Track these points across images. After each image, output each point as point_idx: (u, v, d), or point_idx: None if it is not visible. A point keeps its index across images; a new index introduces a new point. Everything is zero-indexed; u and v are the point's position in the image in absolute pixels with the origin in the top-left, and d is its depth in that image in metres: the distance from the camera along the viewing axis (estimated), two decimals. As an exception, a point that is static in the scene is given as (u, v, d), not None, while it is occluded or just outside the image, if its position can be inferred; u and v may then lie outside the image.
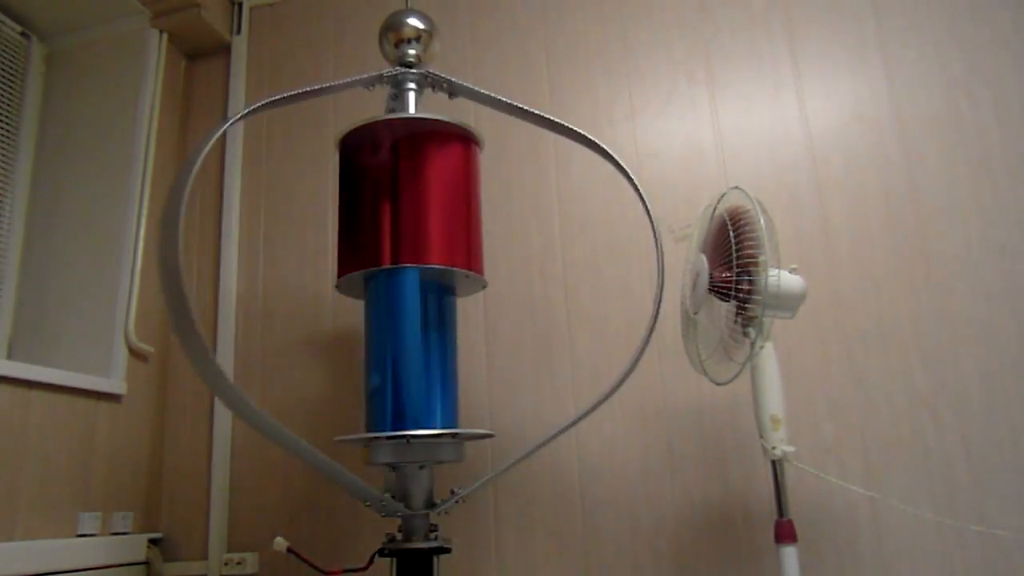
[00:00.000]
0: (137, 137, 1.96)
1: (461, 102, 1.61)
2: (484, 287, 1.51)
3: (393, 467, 1.39)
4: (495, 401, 1.75)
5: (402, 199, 1.40)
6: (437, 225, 1.40)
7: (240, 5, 2.22)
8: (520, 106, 1.54)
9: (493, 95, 1.54)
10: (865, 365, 1.58)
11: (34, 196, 2.02)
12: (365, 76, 1.51)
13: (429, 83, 1.55)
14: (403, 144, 1.43)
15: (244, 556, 1.79)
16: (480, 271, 1.45)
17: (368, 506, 1.34)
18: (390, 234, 1.38)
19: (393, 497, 1.35)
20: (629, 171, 1.48)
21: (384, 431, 1.32)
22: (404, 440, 1.32)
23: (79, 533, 1.64)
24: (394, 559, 1.32)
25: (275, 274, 1.99)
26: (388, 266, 1.37)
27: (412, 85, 1.53)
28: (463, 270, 1.40)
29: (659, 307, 1.43)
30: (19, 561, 1.46)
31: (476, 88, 1.54)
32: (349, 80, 1.51)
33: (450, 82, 1.54)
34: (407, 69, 1.52)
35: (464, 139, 1.48)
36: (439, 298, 1.44)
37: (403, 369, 1.33)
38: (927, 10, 1.72)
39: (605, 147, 1.50)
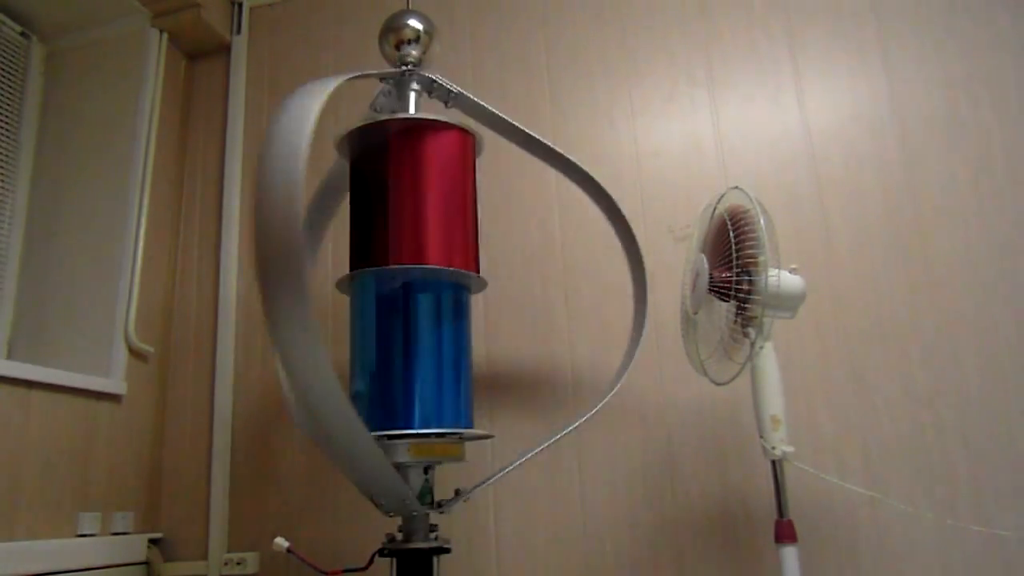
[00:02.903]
0: (137, 137, 1.96)
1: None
2: (484, 287, 1.51)
3: (397, 467, 1.39)
4: (495, 401, 1.75)
5: (409, 199, 1.41)
6: (449, 226, 1.41)
7: (240, 5, 2.22)
8: (517, 125, 1.55)
9: (493, 110, 1.55)
10: (865, 365, 1.58)
11: (34, 196, 2.02)
12: (383, 72, 1.52)
13: (428, 88, 1.55)
14: (401, 143, 1.43)
15: (244, 556, 1.79)
16: (478, 271, 1.45)
17: (379, 506, 1.33)
18: (407, 233, 1.39)
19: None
20: (607, 191, 1.50)
21: (393, 429, 1.32)
22: (411, 439, 1.32)
23: (79, 533, 1.64)
24: (394, 559, 1.32)
25: (275, 274, 1.99)
26: (414, 265, 1.36)
27: (415, 86, 1.54)
28: (470, 272, 1.40)
29: (644, 325, 1.43)
30: (19, 561, 1.46)
31: (477, 100, 1.56)
32: (366, 72, 1.51)
33: (453, 94, 1.54)
34: (415, 70, 1.53)
35: (463, 138, 1.48)
36: (454, 297, 1.43)
37: (417, 368, 1.33)
38: (927, 10, 1.72)
39: (591, 174, 1.52)
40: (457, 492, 1.39)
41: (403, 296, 1.37)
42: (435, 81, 1.54)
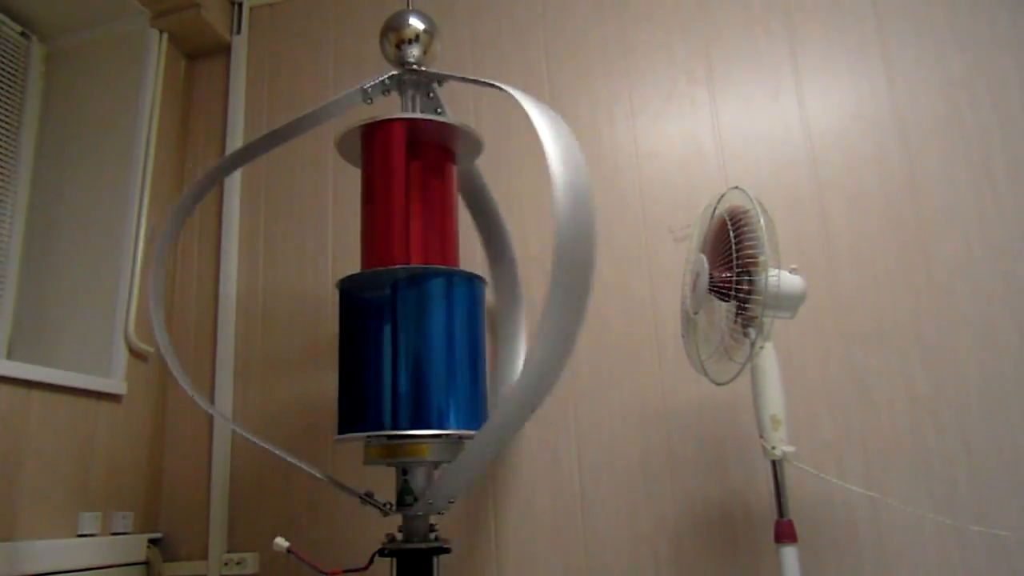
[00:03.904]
0: (137, 137, 1.96)
1: (461, 104, 1.62)
2: (484, 285, 1.51)
3: (392, 466, 1.40)
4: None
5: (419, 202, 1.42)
6: (448, 227, 1.42)
7: (240, 5, 2.22)
8: (489, 82, 1.48)
9: (468, 77, 1.53)
10: (865, 365, 1.58)
11: (34, 196, 2.02)
12: (351, 91, 1.52)
13: (425, 80, 1.55)
14: (367, 145, 1.46)
15: (244, 556, 1.79)
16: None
17: (364, 504, 1.36)
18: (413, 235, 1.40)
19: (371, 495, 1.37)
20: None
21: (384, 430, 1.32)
22: (400, 439, 1.32)
23: (79, 533, 1.64)
24: (394, 559, 1.32)
25: (275, 274, 1.99)
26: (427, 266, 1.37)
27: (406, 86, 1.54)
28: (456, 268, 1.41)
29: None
30: (19, 561, 1.46)
31: (454, 74, 1.53)
32: (337, 98, 1.52)
33: (429, 73, 1.53)
34: (400, 72, 1.52)
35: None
36: (469, 297, 1.43)
37: (427, 368, 1.33)
38: (927, 10, 1.72)
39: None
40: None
41: (380, 299, 1.38)
42: (416, 72, 1.53)
